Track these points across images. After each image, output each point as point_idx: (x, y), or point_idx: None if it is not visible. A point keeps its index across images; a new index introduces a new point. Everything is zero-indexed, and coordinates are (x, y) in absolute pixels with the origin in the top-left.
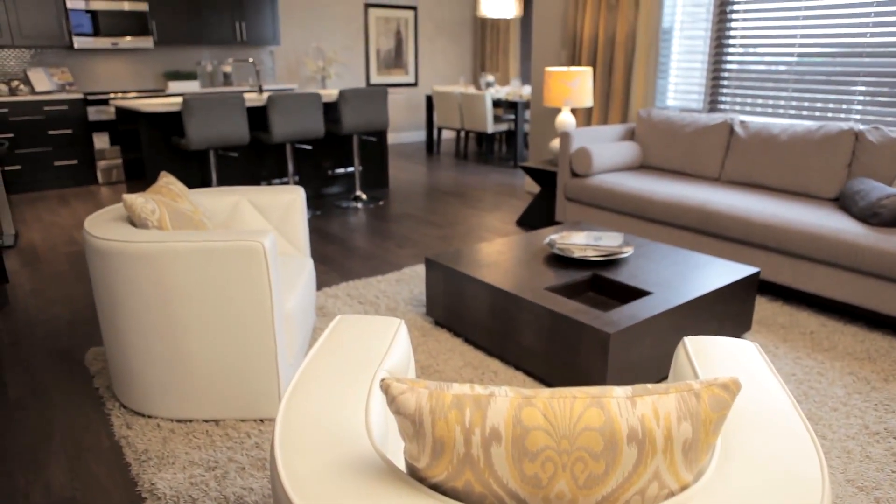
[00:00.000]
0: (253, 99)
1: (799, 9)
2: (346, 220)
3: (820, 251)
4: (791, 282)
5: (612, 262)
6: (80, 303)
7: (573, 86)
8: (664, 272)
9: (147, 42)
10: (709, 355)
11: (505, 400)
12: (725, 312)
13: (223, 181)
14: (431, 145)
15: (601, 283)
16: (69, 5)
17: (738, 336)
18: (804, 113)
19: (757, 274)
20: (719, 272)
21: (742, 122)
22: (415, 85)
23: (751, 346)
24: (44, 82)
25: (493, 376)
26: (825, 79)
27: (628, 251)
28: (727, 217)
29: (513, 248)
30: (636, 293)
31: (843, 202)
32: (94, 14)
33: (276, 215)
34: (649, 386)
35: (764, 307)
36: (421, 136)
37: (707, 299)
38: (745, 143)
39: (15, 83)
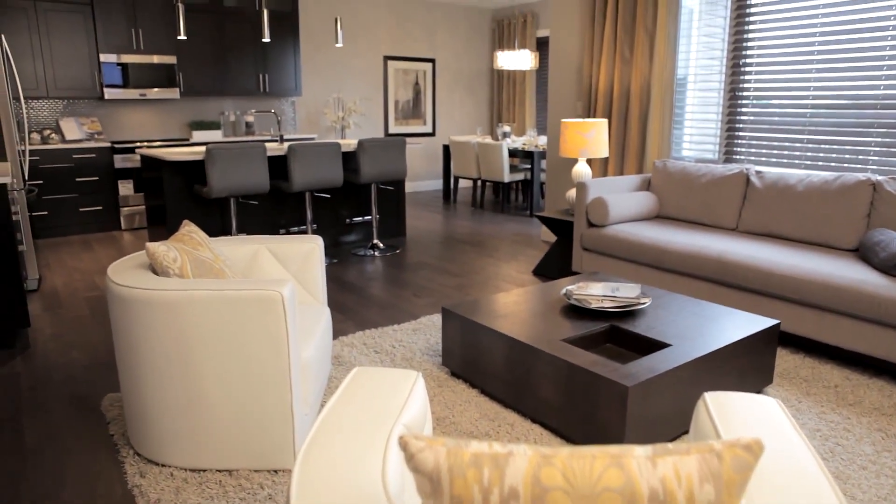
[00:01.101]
0: (274, 148)
1: (812, 61)
2: (363, 268)
3: (841, 303)
4: (813, 334)
5: (629, 314)
6: (99, 348)
7: (589, 137)
8: (682, 324)
9: (173, 93)
10: (730, 412)
11: (524, 458)
12: (746, 365)
13: (243, 228)
14: (448, 194)
15: (619, 335)
16: (102, 59)
17: (760, 389)
18: (820, 163)
19: (777, 326)
20: (739, 324)
21: (758, 173)
22: (432, 135)
23: (773, 403)
24: (74, 131)
25: (509, 429)
26: (840, 129)
27: (646, 302)
28: (745, 268)
29: (529, 299)
30: (654, 345)
31: (864, 253)
32: (124, 67)
33: (294, 264)
34: (670, 446)
35: (785, 360)
36: (438, 184)
37: (727, 352)
38: (762, 193)
39: (47, 132)
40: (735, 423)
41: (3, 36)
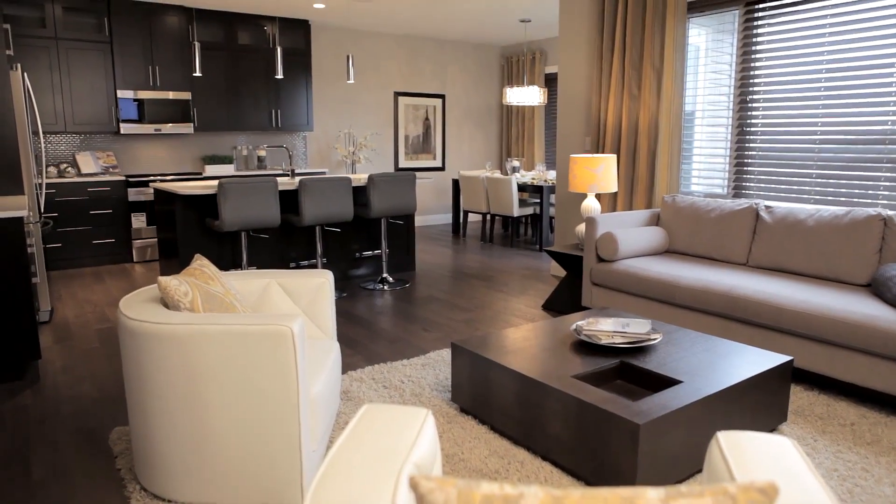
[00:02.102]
0: (285, 183)
1: (819, 97)
2: (373, 302)
3: (855, 339)
4: (827, 370)
5: (640, 350)
6: (108, 381)
7: (598, 172)
8: (694, 360)
9: (188, 128)
10: (744, 453)
11: (535, 501)
12: (759, 402)
13: (253, 261)
14: (458, 228)
15: (629, 371)
16: (119, 95)
17: (774, 427)
18: (829, 198)
19: (790, 362)
20: (751, 360)
21: (767, 207)
22: (442, 169)
23: (787, 443)
24: (90, 165)
25: (519, 467)
26: (849, 164)
27: (656, 338)
28: (757, 303)
29: (539, 334)
30: (666, 382)
31: (876, 288)
32: (140, 102)
33: (304, 299)
34: (683, 488)
35: (799, 397)
36: (447, 218)
37: (740, 388)
38: (772, 228)
39: (64, 166)
40: (749, 464)
41: (25, 73)
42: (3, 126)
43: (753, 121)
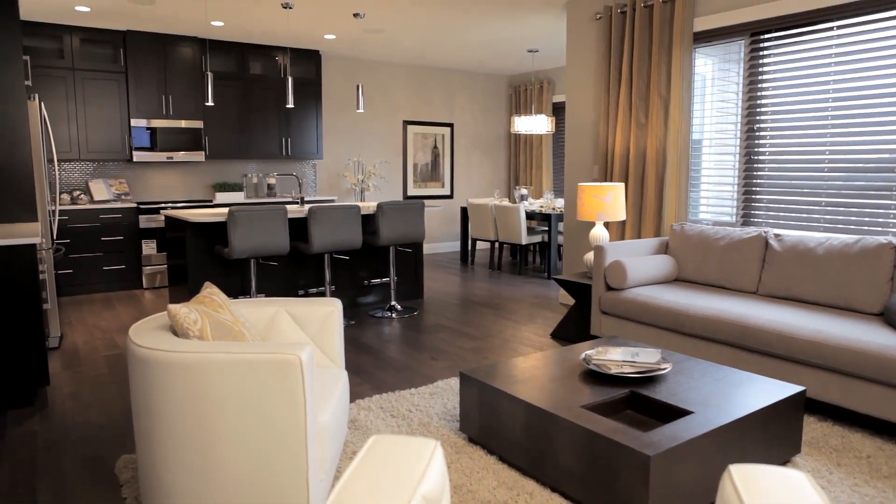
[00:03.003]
0: (294, 210)
1: (826, 125)
2: (381, 330)
3: (868, 369)
4: (840, 401)
5: (650, 379)
6: (115, 408)
7: (606, 200)
8: (704, 390)
9: (199, 156)
10: (758, 487)
11: None
12: (772, 433)
13: (262, 289)
14: (466, 256)
15: (639, 401)
16: (133, 123)
17: (788, 459)
18: (839, 226)
19: (803, 393)
20: (763, 390)
21: (777, 236)
22: (450, 197)
23: (802, 477)
24: (102, 192)
25: (528, 498)
26: (858, 192)
27: (666, 368)
28: (767, 332)
29: (548, 364)
30: (677, 412)
31: (889, 317)
32: (153, 130)
33: (313, 327)
34: None
35: (813, 428)
36: (456, 246)
37: (752, 419)
38: (782, 256)
39: (77, 193)
40: (763, 499)
41: (42, 103)
42: (19, 155)
43: (761, 149)
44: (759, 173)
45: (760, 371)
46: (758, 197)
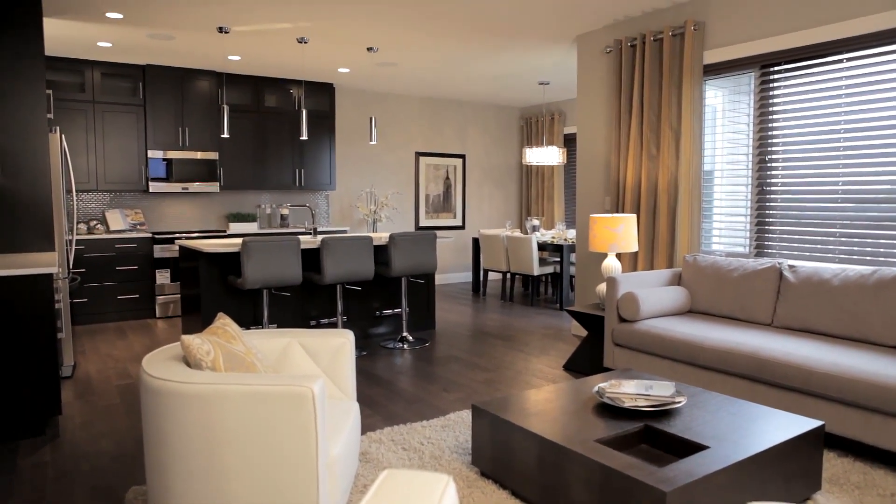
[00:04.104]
0: (307, 241)
1: (838, 156)
2: (392, 361)
3: (888, 403)
4: (861, 436)
5: (664, 413)
6: (127, 438)
7: (618, 231)
8: (720, 424)
9: (214, 187)
10: None
11: None
12: (791, 470)
13: (274, 319)
14: (478, 287)
15: (654, 436)
16: (150, 155)
17: (808, 497)
18: (854, 257)
19: (822, 427)
20: (780, 425)
21: (791, 267)
22: (462, 228)
23: None
24: (118, 222)
25: None
26: (873, 223)
27: (681, 401)
28: (783, 365)
29: (561, 396)
30: (692, 447)
31: None
32: (169, 162)
33: (325, 358)
34: None
35: (833, 464)
36: (467, 276)
37: (770, 455)
38: (797, 288)
39: (93, 223)
40: None
41: (63, 135)
42: (40, 186)
43: (773, 180)
44: (771, 204)
45: (777, 405)
46: (771, 228)
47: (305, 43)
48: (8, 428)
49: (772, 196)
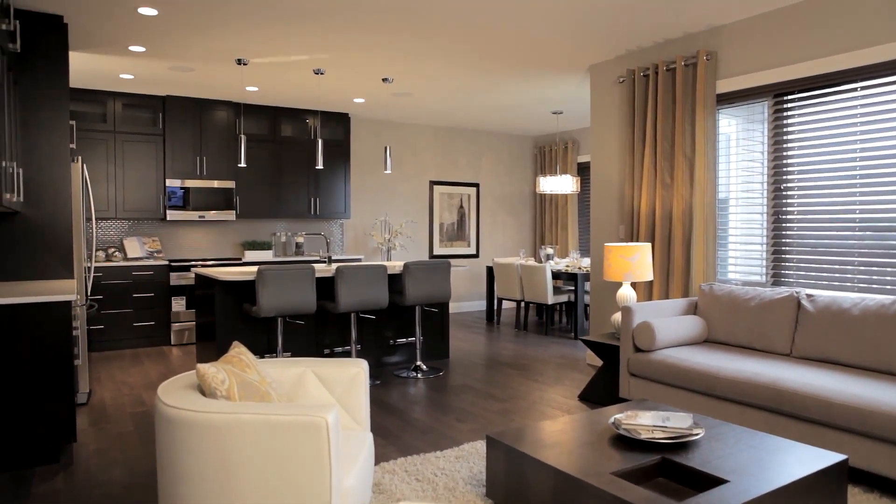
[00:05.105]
0: (322, 269)
1: (855, 184)
2: (406, 390)
3: None
4: (887, 470)
5: (682, 445)
6: (140, 466)
7: (633, 260)
8: (740, 457)
9: (230, 215)
10: None
11: None
12: None
13: (288, 347)
14: (492, 315)
15: (671, 469)
16: (168, 184)
17: None
18: (874, 286)
19: (845, 461)
20: (802, 458)
21: (809, 296)
22: (476, 256)
23: None
24: (136, 249)
25: None
26: (892, 252)
27: (699, 433)
28: (803, 396)
29: (576, 428)
30: (711, 481)
31: None
32: (186, 190)
33: (339, 388)
34: None
35: (858, 500)
36: (481, 305)
37: (793, 489)
38: (815, 317)
39: (111, 250)
40: None
41: (84, 164)
42: (61, 214)
43: (789, 208)
44: (788, 232)
45: (798, 437)
46: (787, 256)
47: (322, 74)
48: (23, 455)
49: (788, 224)
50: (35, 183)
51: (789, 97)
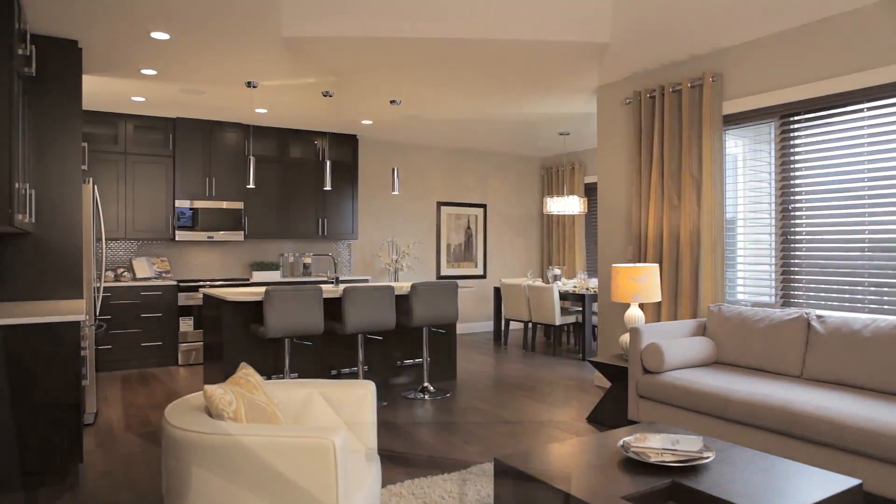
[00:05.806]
0: (329, 290)
1: (863, 205)
2: (413, 412)
3: None
4: None
5: (692, 469)
6: (146, 487)
7: (641, 281)
8: (751, 481)
9: (238, 236)
10: None
11: None
12: None
13: (295, 367)
14: (499, 336)
15: (682, 493)
16: (177, 204)
17: None
18: (886, 307)
19: (860, 486)
20: (815, 483)
21: (819, 317)
22: (483, 277)
23: None
24: (145, 270)
25: None
26: None
27: (709, 456)
28: (816, 419)
29: (585, 450)
30: None
31: None
32: (195, 211)
33: (347, 409)
34: None
35: None
36: (489, 326)
37: None
38: (826, 339)
39: (120, 270)
40: None
41: (95, 186)
42: (72, 235)
43: (798, 228)
44: (796, 253)
45: (810, 461)
46: (797, 277)
47: (330, 96)
48: (29, 475)
49: (796, 245)
50: (47, 204)
51: (796, 118)
